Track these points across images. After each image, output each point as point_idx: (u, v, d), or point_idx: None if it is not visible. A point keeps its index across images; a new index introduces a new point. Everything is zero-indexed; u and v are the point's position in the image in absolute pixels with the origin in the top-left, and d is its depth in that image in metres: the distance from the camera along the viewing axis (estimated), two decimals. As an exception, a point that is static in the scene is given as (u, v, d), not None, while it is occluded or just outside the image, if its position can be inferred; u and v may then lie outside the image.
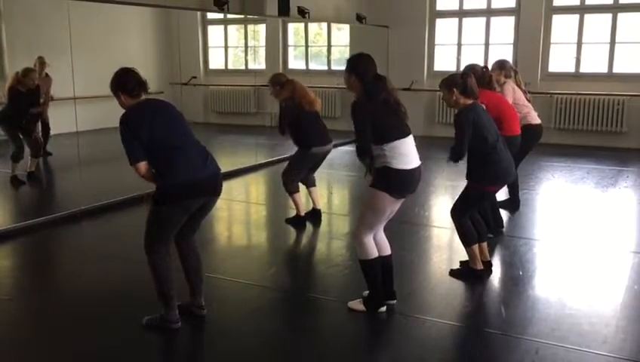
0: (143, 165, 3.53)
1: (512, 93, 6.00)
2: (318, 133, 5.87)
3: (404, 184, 3.86)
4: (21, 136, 7.76)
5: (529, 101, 6.29)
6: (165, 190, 3.59)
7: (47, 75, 8.82)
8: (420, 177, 3.94)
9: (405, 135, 3.84)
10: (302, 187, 6.10)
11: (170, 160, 3.56)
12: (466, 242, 4.58)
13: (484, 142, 4.37)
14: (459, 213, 4.58)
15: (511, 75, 6.13)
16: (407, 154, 3.82)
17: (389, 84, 3.88)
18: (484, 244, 4.71)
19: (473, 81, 4.52)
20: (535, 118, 6.20)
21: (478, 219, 4.69)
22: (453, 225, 4.66)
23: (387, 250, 4.07)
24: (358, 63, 3.88)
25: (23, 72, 7.72)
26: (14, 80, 7.68)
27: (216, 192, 3.79)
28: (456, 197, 4.67)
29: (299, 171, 5.96)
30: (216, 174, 3.75)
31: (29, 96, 7.76)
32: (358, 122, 3.79)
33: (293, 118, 5.76)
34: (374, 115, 3.77)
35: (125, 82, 3.64)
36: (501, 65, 6.13)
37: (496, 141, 4.44)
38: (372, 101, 3.79)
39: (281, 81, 5.91)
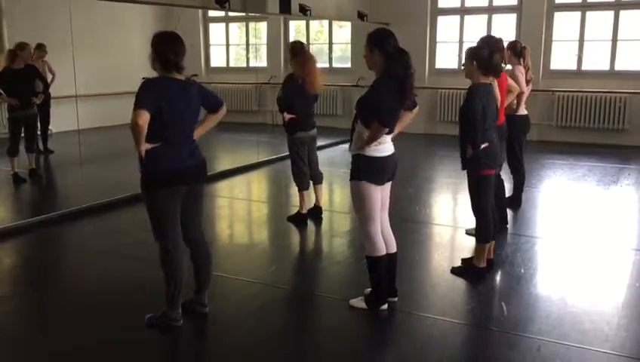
0: (144, 113, 3.37)
1: (523, 75, 5.98)
2: (302, 119, 5.85)
3: (379, 171, 3.87)
4: (22, 129, 7.70)
5: (528, 82, 6.25)
6: (148, 176, 3.58)
7: (43, 61, 8.83)
8: (396, 164, 3.95)
9: (392, 132, 3.88)
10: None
11: (162, 147, 3.54)
12: (481, 238, 4.59)
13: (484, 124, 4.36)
14: (476, 208, 4.59)
15: (521, 55, 6.11)
16: (381, 143, 3.82)
17: (409, 58, 3.80)
18: (493, 242, 4.71)
19: (498, 59, 4.50)
20: (521, 109, 6.16)
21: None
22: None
23: (393, 247, 4.07)
24: (380, 36, 3.83)
25: (18, 46, 7.59)
26: (8, 59, 7.52)
27: (199, 179, 3.80)
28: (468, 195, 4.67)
29: (299, 159, 5.95)
30: (198, 164, 3.75)
31: (24, 75, 7.64)
32: (383, 98, 3.72)
33: (289, 94, 5.78)
34: (389, 100, 3.74)
35: (165, 54, 3.53)
36: (511, 45, 6.11)
37: (491, 124, 4.46)
38: (393, 77, 3.73)
39: (294, 50, 5.85)
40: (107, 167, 8.94)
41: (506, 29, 11.17)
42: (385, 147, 3.85)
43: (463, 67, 4.54)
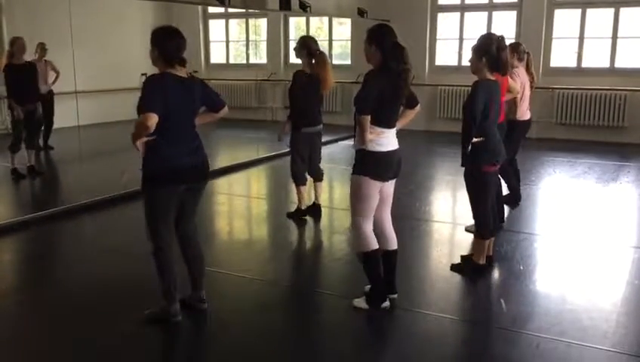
0: (153, 116, 3.36)
1: (519, 79, 5.95)
2: (310, 114, 5.85)
3: (382, 166, 3.84)
4: (21, 118, 7.69)
5: (532, 88, 6.23)
6: (148, 174, 3.58)
7: (46, 61, 8.88)
8: (400, 161, 3.93)
9: (392, 127, 3.86)
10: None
11: (161, 144, 3.53)
12: (482, 235, 4.56)
13: (481, 121, 4.34)
14: (475, 203, 4.56)
15: (523, 58, 6.09)
16: (384, 138, 3.81)
17: (406, 51, 3.79)
18: (492, 239, 4.71)
19: (507, 56, 4.47)
20: (524, 114, 6.09)
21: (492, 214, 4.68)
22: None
23: (394, 244, 4.06)
24: (378, 32, 3.83)
25: (9, 43, 7.67)
26: (7, 56, 7.60)
27: (199, 178, 3.79)
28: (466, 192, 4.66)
29: (299, 155, 5.93)
30: (200, 163, 3.74)
31: (26, 72, 7.69)
32: (366, 86, 3.73)
33: (298, 91, 5.76)
34: (381, 93, 3.73)
35: (164, 41, 3.53)
36: (514, 47, 6.08)
37: (494, 119, 4.45)
38: (389, 71, 3.73)
39: (312, 49, 5.78)
40: (107, 164, 8.94)
41: (506, 26, 11.18)
42: (388, 142, 3.83)
43: (469, 62, 4.51)
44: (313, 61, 5.79)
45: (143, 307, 3.88)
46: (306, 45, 5.81)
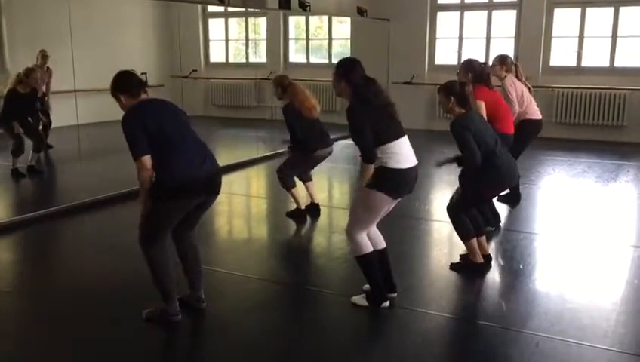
0: (148, 159, 3.48)
1: (514, 86, 5.99)
2: (318, 136, 5.87)
3: (401, 183, 3.85)
4: (22, 133, 7.74)
5: (530, 92, 6.27)
6: (162, 188, 3.57)
7: (48, 68, 8.91)
8: (417, 176, 3.94)
9: (400, 136, 3.85)
10: (299, 182, 6.12)
11: (169, 158, 3.54)
12: (464, 237, 4.60)
13: (482, 148, 4.38)
14: (455, 210, 4.59)
15: (511, 70, 6.13)
16: (402, 153, 3.82)
17: (379, 86, 3.89)
18: (483, 238, 4.71)
19: (470, 90, 4.61)
20: (535, 113, 6.17)
21: (474, 214, 4.69)
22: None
23: (382, 243, 4.06)
24: (346, 68, 3.88)
25: (25, 73, 7.74)
26: (16, 81, 7.69)
27: (214, 191, 3.79)
28: (453, 194, 4.68)
29: (295, 170, 5.97)
30: (214, 173, 3.74)
31: (28, 99, 7.78)
32: (357, 127, 3.78)
33: (293, 123, 5.81)
34: (370, 118, 3.77)
35: (124, 83, 3.67)
36: (502, 60, 6.13)
37: (494, 146, 4.45)
38: (366, 104, 3.78)
39: (284, 85, 5.89)
40: (106, 163, 8.94)
41: (505, 25, 11.18)
42: (405, 158, 3.82)
43: (439, 104, 4.61)
44: None
45: (143, 307, 3.87)
46: (278, 84, 5.92)
